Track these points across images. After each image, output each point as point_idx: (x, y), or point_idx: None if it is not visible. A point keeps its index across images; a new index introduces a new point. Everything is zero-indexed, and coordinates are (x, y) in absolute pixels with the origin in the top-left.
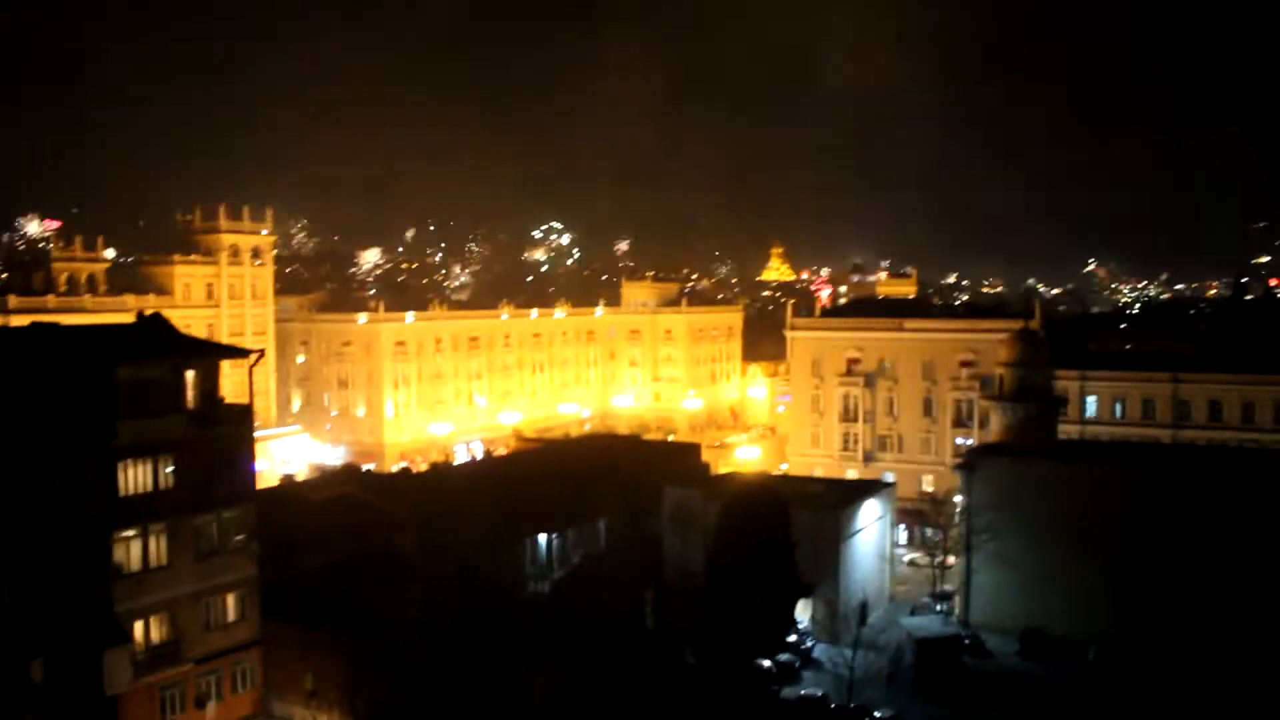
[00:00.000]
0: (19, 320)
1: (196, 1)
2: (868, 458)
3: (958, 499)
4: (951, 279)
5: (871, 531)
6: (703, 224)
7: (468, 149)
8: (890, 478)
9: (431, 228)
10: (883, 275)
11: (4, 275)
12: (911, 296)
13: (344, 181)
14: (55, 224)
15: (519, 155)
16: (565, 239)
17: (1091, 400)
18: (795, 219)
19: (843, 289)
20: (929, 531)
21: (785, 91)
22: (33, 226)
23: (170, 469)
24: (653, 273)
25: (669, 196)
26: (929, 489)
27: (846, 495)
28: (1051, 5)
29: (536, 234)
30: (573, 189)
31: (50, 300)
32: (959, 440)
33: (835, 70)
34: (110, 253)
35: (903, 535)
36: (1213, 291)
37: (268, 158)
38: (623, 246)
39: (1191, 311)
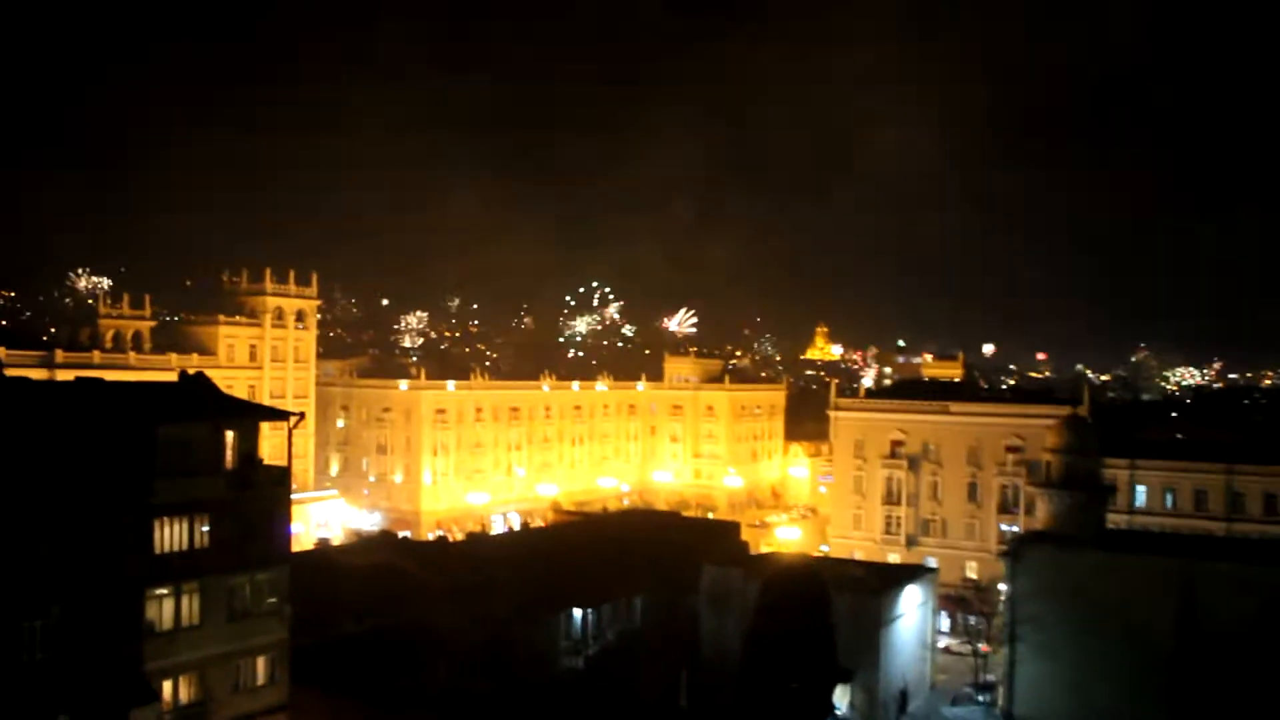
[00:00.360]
0: (65, 375)
1: (247, 66)
2: (910, 542)
3: (1002, 587)
4: (998, 362)
5: (913, 617)
6: (747, 302)
7: (514, 226)
8: (933, 563)
9: (475, 305)
10: (928, 357)
11: (53, 330)
12: (957, 379)
13: (391, 248)
14: (105, 281)
15: (563, 231)
16: (613, 310)
17: (1141, 490)
18: (841, 299)
19: (887, 370)
20: (972, 619)
21: (829, 172)
22: (83, 283)
23: (206, 528)
24: (696, 348)
25: (713, 273)
26: (973, 575)
27: (888, 579)
28: (1095, 85)
29: (579, 303)
30: (617, 261)
31: (96, 356)
32: (1004, 527)
33: (879, 151)
34: (156, 311)
35: (945, 622)
36: (1268, 381)
37: (317, 222)
38: (668, 323)
39: (1246, 401)
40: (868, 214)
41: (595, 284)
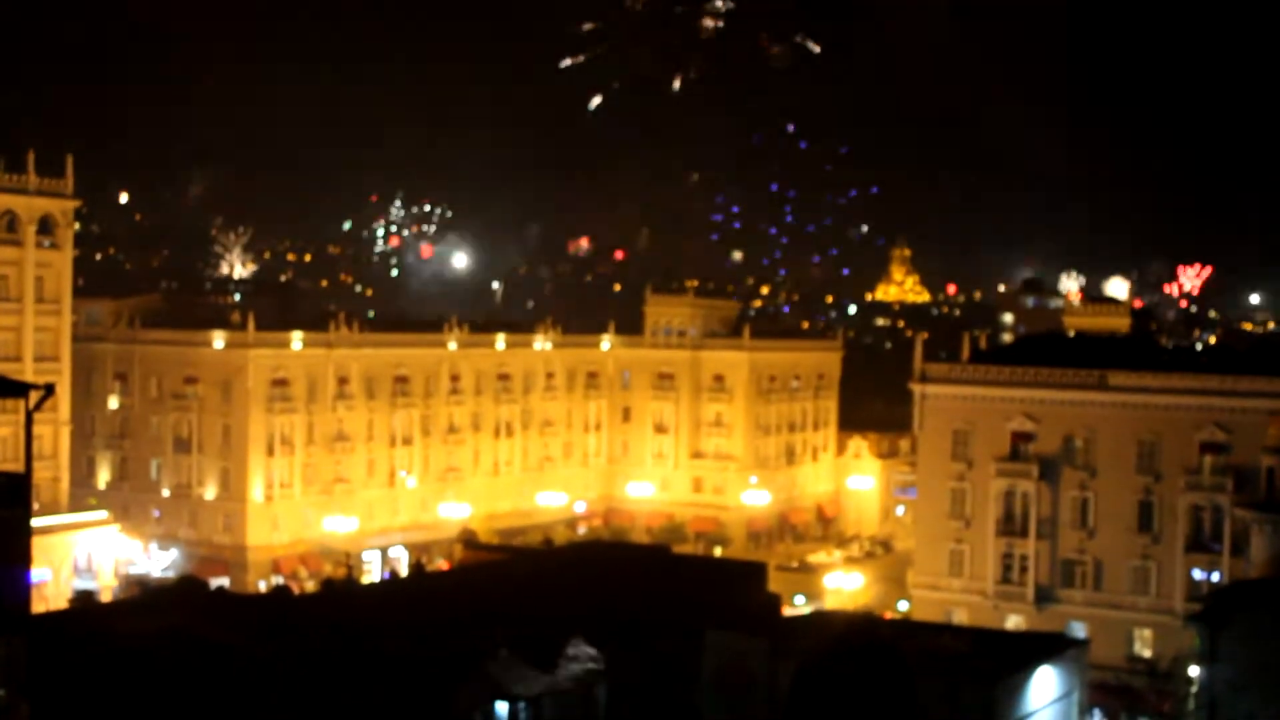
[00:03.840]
0: None
1: None
2: (1043, 596)
3: (1194, 671)
4: (1184, 305)
5: (1049, 718)
6: (774, 210)
7: (403, 86)
8: (1080, 631)
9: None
10: (1074, 296)
11: None
12: (1122, 333)
13: (207, 116)
14: None
15: (488, 112)
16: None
17: None
18: (930, 209)
19: (1007, 317)
20: None
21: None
22: None
23: None
24: (696, 283)
25: (722, 168)
26: (1145, 652)
27: (1008, 658)
28: None
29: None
30: (566, 157)
31: None
32: (1197, 574)
33: None
34: None
35: None
36: None
37: (76, 75)
38: (645, 242)
39: None
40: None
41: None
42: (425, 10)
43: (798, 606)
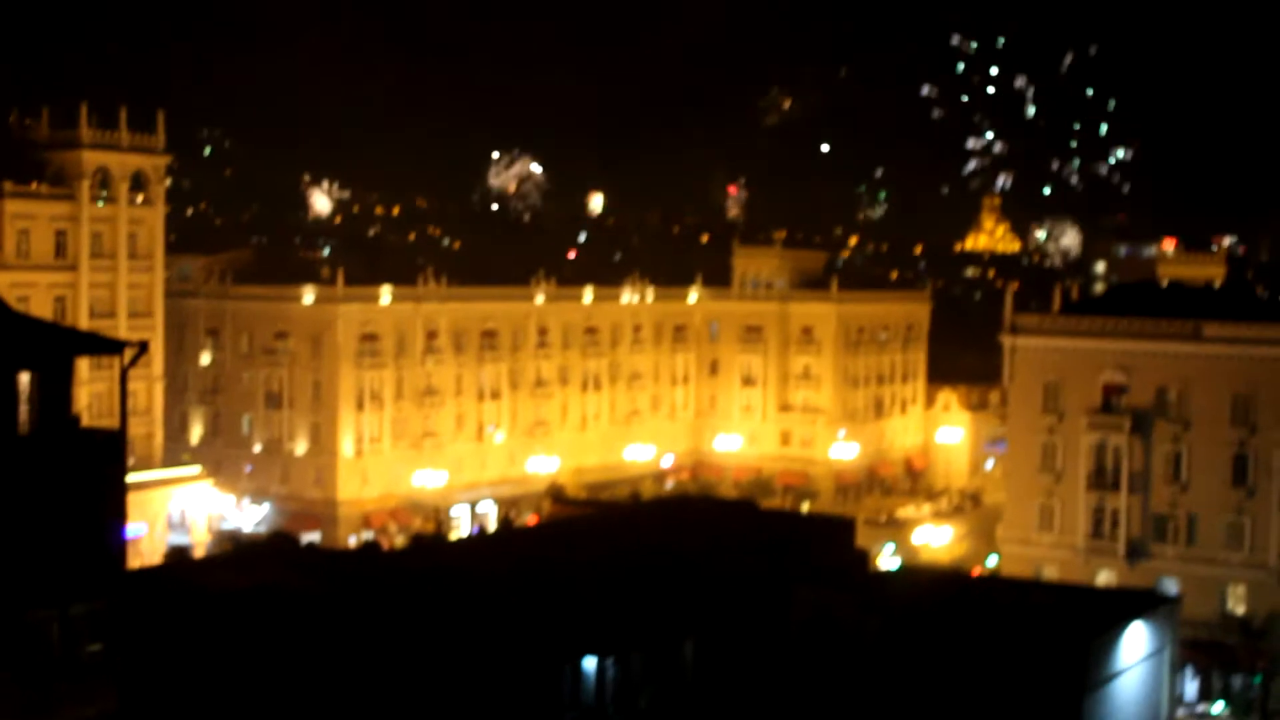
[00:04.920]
0: None
1: None
2: (1134, 552)
3: None
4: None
5: (1138, 676)
6: (860, 157)
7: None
8: (1172, 587)
9: (425, 166)
10: (1168, 245)
11: None
12: (1217, 283)
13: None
14: None
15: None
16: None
17: None
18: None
19: (1099, 267)
20: (1237, 681)
21: None
22: None
23: None
24: (784, 233)
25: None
26: (1238, 609)
27: (1098, 614)
28: None
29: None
30: (651, 104)
31: None
32: None
33: None
34: None
35: (1191, 685)
36: None
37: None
38: (734, 191)
39: None
40: None
41: None
42: None
43: (887, 560)
